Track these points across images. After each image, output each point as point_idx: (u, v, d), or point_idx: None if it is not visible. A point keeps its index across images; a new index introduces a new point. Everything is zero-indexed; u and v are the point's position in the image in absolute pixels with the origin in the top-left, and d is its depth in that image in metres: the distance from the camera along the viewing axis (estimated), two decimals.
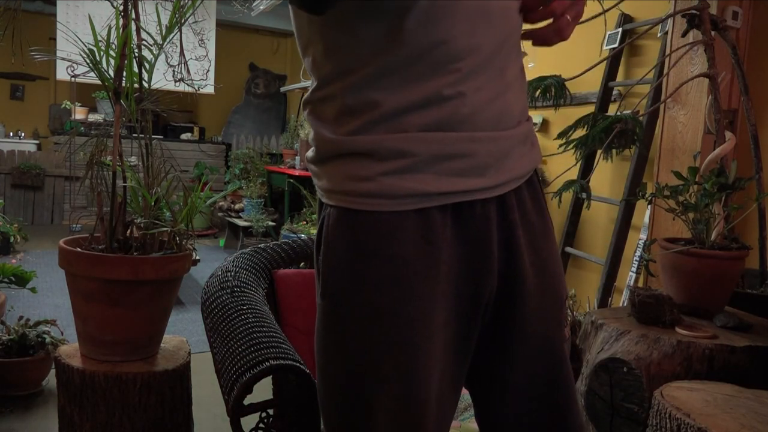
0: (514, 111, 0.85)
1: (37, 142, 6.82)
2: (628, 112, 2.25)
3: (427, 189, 0.78)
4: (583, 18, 0.91)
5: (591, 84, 3.01)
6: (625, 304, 2.57)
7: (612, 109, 2.93)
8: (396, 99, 0.77)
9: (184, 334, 3.10)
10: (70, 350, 1.67)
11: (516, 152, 0.85)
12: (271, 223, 5.39)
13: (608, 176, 3.00)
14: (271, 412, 1.13)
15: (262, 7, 6.01)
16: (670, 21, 2.42)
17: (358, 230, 0.79)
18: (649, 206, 2.52)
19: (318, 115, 0.84)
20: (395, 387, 0.80)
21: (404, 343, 0.79)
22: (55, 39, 5.56)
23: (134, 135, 1.74)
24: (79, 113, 6.52)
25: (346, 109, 0.79)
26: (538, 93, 2.44)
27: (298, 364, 1.07)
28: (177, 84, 2.03)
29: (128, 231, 1.69)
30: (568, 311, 2.55)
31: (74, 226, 4.37)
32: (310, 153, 0.87)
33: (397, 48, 0.76)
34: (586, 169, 2.90)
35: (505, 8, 0.80)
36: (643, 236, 2.61)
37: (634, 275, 2.62)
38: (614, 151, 2.29)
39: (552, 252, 0.91)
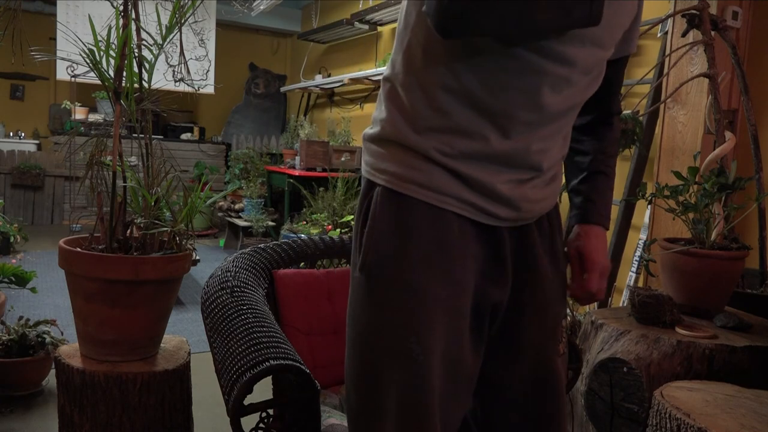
0: (552, 160, 0.93)
1: (37, 142, 6.81)
2: (628, 112, 2.25)
3: (468, 198, 0.86)
4: None
5: None
6: (625, 304, 2.56)
7: None
8: (460, 119, 0.84)
9: (184, 334, 3.10)
10: (70, 350, 1.67)
11: (545, 196, 0.94)
12: (271, 223, 5.39)
13: None
14: (271, 412, 1.13)
15: (262, 7, 6.01)
16: (670, 21, 2.42)
17: (405, 210, 0.86)
18: (649, 206, 2.52)
19: (395, 98, 0.89)
20: (418, 362, 0.84)
21: (432, 321, 0.84)
22: (55, 39, 5.56)
23: (134, 135, 1.74)
24: (79, 113, 6.52)
25: (422, 108, 0.85)
26: None
27: (298, 364, 1.07)
28: (177, 84, 2.03)
29: (128, 231, 1.69)
30: (568, 311, 2.55)
31: (74, 226, 4.37)
32: (372, 130, 0.92)
33: (484, 83, 0.83)
34: None
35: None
36: (643, 236, 2.61)
37: (634, 275, 2.62)
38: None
39: (556, 276, 0.98)
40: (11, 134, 6.86)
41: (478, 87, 0.83)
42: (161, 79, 1.82)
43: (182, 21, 1.73)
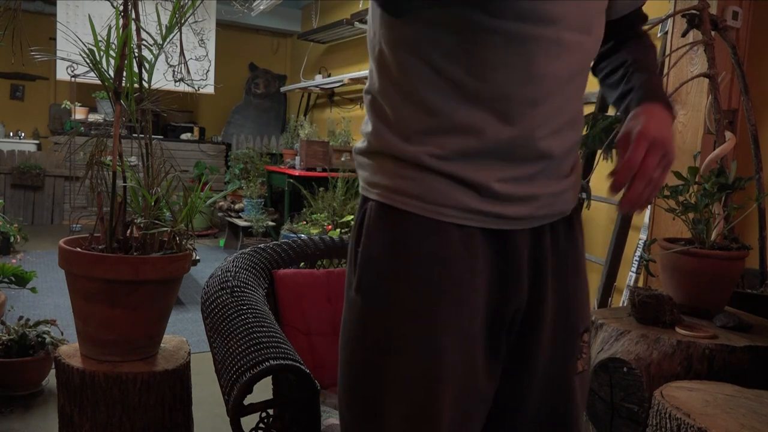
0: (563, 144, 0.84)
1: (37, 142, 6.82)
2: None
3: (470, 204, 0.78)
4: None
5: (591, 84, 2.99)
6: (625, 304, 2.56)
7: (612, 109, 2.93)
8: (451, 114, 0.77)
9: (184, 334, 3.10)
10: (70, 350, 1.67)
11: (563, 189, 0.86)
12: (271, 223, 5.39)
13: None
14: (271, 412, 1.13)
15: (262, 7, 6.01)
16: (670, 21, 2.42)
17: (399, 227, 0.79)
18: (649, 206, 2.52)
19: (377, 110, 0.83)
20: (416, 387, 0.78)
21: (432, 344, 0.78)
22: (55, 39, 5.56)
23: (134, 135, 1.74)
24: (79, 113, 6.52)
25: (405, 113, 0.79)
26: None
27: (298, 364, 1.07)
28: (177, 84, 2.03)
29: (128, 231, 1.69)
30: None
31: (74, 226, 4.37)
32: (360, 144, 0.87)
33: (462, 64, 0.75)
34: (586, 169, 2.90)
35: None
36: (643, 236, 2.61)
37: (634, 275, 2.62)
38: (614, 150, 2.29)
39: (577, 284, 0.90)
40: (11, 134, 6.86)
41: (460, 73, 0.75)
42: (161, 79, 1.82)
43: (182, 21, 1.73)
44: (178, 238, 1.71)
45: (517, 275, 0.83)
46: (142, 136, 1.71)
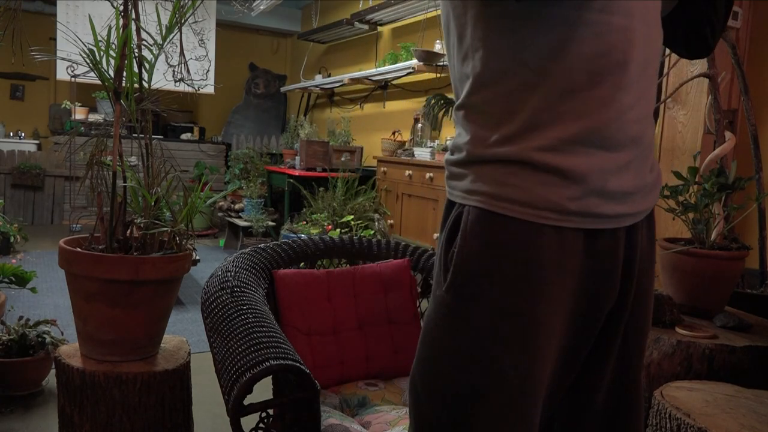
0: (648, 133, 0.89)
1: (37, 142, 6.82)
2: None
3: (569, 207, 0.81)
4: None
5: None
6: None
7: None
8: (551, 108, 0.80)
9: (184, 334, 3.10)
10: (70, 350, 1.67)
11: (650, 183, 0.89)
12: (271, 223, 5.39)
13: None
14: (271, 412, 1.13)
15: (262, 7, 6.01)
16: None
17: (498, 230, 0.82)
18: None
19: (474, 119, 0.86)
20: (511, 386, 0.81)
21: (527, 343, 0.81)
22: (55, 39, 5.56)
23: (134, 135, 1.74)
24: (79, 113, 6.52)
25: (505, 117, 0.82)
26: None
27: (298, 364, 1.07)
28: (177, 84, 2.03)
29: (128, 231, 1.69)
30: None
31: (74, 226, 4.37)
32: (454, 156, 0.89)
33: (560, 58, 0.79)
34: None
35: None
36: None
37: None
38: None
39: (652, 283, 0.94)
40: (11, 134, 6.87)
41: (557, 68, 0.79)
42: (161, 79, 1.82)
43: (182, 21, 1.73)
44: (178, 238, 1.71)
45: (611, 277, 0.86)
46: (142, 136, 1.71)
